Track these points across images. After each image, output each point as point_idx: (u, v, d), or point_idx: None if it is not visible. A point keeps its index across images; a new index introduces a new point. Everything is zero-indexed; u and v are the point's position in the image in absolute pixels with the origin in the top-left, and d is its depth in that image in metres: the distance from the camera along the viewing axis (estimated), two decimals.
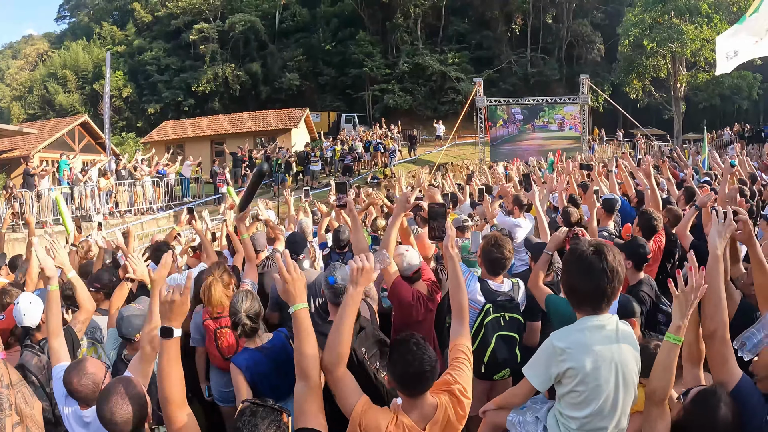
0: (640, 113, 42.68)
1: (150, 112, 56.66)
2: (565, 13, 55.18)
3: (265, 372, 4.02)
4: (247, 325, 4.13)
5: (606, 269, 2.87)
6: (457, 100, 48.13)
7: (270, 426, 2.60)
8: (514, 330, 4.79)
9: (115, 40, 66.02)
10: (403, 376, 3.04)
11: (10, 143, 31.73)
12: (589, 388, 2.88)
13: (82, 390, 3.45)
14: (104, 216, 21.95)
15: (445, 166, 32.14)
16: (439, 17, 55.97)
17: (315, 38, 57.72)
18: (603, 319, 2.96)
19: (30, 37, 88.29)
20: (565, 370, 2.92)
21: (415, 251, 5.13)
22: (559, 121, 30.57)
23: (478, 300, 4.75)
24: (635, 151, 34.22)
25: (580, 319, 3.01)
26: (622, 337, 2.96)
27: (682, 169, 14.91)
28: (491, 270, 4.91)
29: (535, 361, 3.11)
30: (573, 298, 3.07)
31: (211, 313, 4.96)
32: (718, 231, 3.35)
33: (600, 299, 2.93)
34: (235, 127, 39.63)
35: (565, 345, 2.94)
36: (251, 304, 4.21)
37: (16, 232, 18.62)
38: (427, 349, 3.05)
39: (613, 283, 2.89)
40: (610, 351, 2.90)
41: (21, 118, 58.99)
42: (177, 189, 27.07)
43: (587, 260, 2.91)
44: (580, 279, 2.95)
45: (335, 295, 4.11)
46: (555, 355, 2.95)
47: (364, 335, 4.08)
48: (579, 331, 2.96)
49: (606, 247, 2.96)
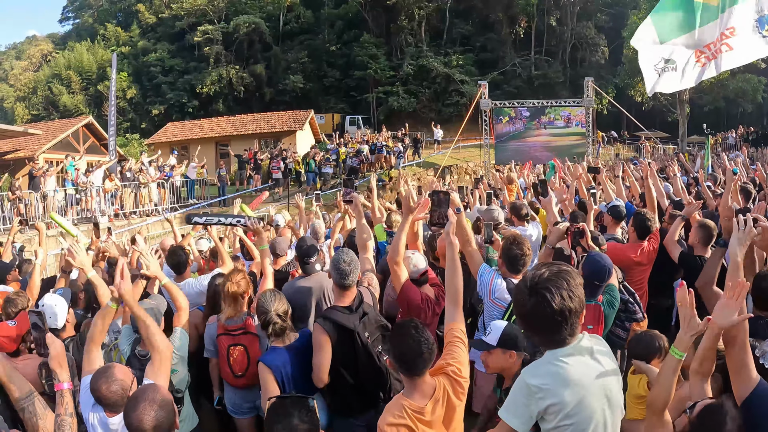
0: (644, 116, 42.55)
1: (154, 113, 56.73)
2: (569, 15, 55.08)
3: (293, 372, 4.14)
4: (277, 324, 4.26)
5: (556, 310, 2.53)
6: (462, 102, 48.16)
7: (302, 412, 2.72)
8: None
9: (119, 41, 66.12)
10: (401, 358, 3.29)
11: (15, 144, 31.77)
12: (576, 421, 2.64)
13: (111, 396, 3.42)
14: (109, 218, 21.98)
15: (450, 169, 32.14)
16: (443, 19, 56.04)
17: (319, 40, 57.88)
18: (572, 346, 2.67)
19: (34, 38, 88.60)
20: (545, 407, 2.65)
21: (422, 255, 5.27)
22: (566, 118, 30.51)
23: (505, 298, 4.82)
24: (640, 154, 34.26)
25: (548, 352, 2.72)
26: (598, 356, 2.72)
27: (689, 173, 14.92)
28: (511, 268, 5.01)
29: (511, 402, 2.80)
30: (537, 339, 2.80)
31: (226, 327, 4.96)
32: (738, 238, 3.37)
33: (564, 332, 2.61)
34: (239, 128, 39.65)
35: (539, 382, 2.66)
36: (279, 303, 4.32)
37: (21, 233, 18.61)
38: (425, 333, 3.29)
39: (573, 314, 2.56)
40: (589, 376, 2.67)
41: (25, 119, 59.16)
42: (182, 191, 27.08)
43: (535, 303, 2.55)
44: (535, 324, 2.66)
45: (341, 277, 4.29)
46: (531, 394, 2.67)
47: (368, 320, 4.27)
48: (551, 364, 2.68)
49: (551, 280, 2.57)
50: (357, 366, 4.17)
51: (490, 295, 4.89)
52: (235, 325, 4.92)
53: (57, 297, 4.99)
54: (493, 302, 4.89)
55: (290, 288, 5.68)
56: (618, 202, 7.62)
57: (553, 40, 56.32)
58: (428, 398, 3.26)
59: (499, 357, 3.87)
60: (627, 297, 5.13)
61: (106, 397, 3.43)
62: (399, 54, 55.31)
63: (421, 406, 3.21)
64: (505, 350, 3.83)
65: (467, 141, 37.78)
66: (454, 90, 50.97)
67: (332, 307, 4.38)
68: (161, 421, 2.91)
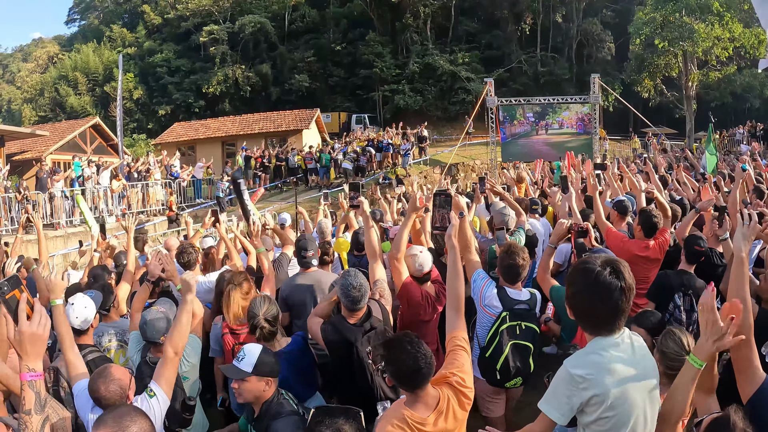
0: (651, 112, 42.52)
1: (161, 113, 56.85)
2: (575, 12, 54.97)
3: (284, 377, 4.05)
4: (265, 328, 4.26)
5: (625, 288, 2.65)
6: (468, 100, 48.11)
7: (349, 416, 2.75)
8: (529, 339, 4.77)
9: (125, 42, 66.34)
10: (399, 374, 3.17)
11: (23, 145, 31.98)
12: (618, 413, 2.66)
13: (110, 396, 3.40)
14: (117, 217, 22.05)
15: (456, 167, 32.10)
16: (448, 17, 55.93)
17: (325, 39, 57.86)
18: (618, 337, 2.74)
19: (40, 40, 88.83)
20: (588, 398, 2.68)
21: (428, 254, 5.25)
22: (569, 119, 30.40)
23: (495, 306, 4.77)
24: (647, 151, 34.12)
25: (593, 341, 2.78)
26: (639, 350, 2.79)
27: (696, 170, 14.86)
28: (507, 278, 4.92)
29: (552, 394, 2.83)
30: (589, 322, 2.82)
31: (231, 326, 5.02)
32: (743, 233, 3.30)
33: (619, 320, 2.71)
34: (246, 128, 39.68)
35: (583, 372, 2.69)
36: (269, 307, 4.32)
37: (28, 234, 18.69)
38: (421, 347, 3.15)
39: (630, 301, 2.69)
40: (631, 368, 2.71)
41: (32, 120, 59.38)
42: (189, 190, 27.15)
43: (605, 282, 2.65)
44: (598, 303, 2.69)
45: (352, 303, 4.25)
46: (574, 384, 2.70)
47: (374, 335, 4.22)
48: (595, 353, 2.73)
49: (621, 263, 2.74)
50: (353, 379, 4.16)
51: (480, 301, 4.85)
52: (240, 325, 4.97)
53: (87, 299, 4.80)
54: (483, 309, 4.84)
55: (288, 285, 5.74)
56: (623, 197, 7.60)
57: (559, 37, 56.16)
58: (431, 410, 3.18)
59: (254, 385, 3.58)
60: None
61: (106, 397, 3.40)
62: (405, 52, 55.22)
63: (424, 417, 3.14)
64: (261, 377, 3.58)
65: (473, 139, 37.77)
66: (460, 88, 50.91)
67: (341, 316, 4.37)
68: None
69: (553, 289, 4.90)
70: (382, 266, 5.11)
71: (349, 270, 4.37)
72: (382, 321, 4.43)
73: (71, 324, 4.60)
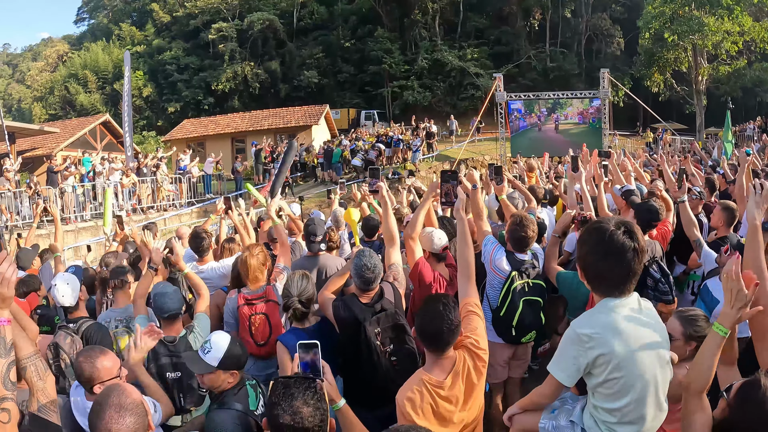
0: (661, 107, 42.22)
1: (170, 111, 57.01)
2: (584, 6, 54.79)
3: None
4: (298, 310, 4.25)
5: (637, 249, 2.64)
6: (477, 95, 48.11)
7: (307, 393, 2.55)
8: (537, 294, 5.09)
9: (134, 40, 66.54)
10: (423, 332, 3.24)
11: (33, 142, 32.16)
12: (626, 374, 2.64)
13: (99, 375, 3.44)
14: (127, 212, 22.13)
15: (465, 162, 32.11)
16: (457, 13, 56.01)
17: (333, 36, 57.94)
18: (627, 299, 2.73)
19: (49, 39, 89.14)
20: (594, 358, 2.67)
21: (442, 231, 5.38)
22: (572, 114, 30.32)
23: (504, 269, 5.07)
24: (657, 146, 33.99)
25: (601, 301, 2.76)
26: (647, 313, 2.78)
27: (705, 162, 14.83)
28: (516, 247, 5.19)
29: (559, 355, 2.85)
30: (600, 283, 2.78)
31: (246, 297, 5.07)
32: (756, 201, 3.30)
33: (630, 282, 2.71)
34: (255, 124, 39.75)
35: (590, 331, 2.68)
36: (306, 288, 4.30)
37: (40, 228, 18.77)
38: (452, 312, 3.18)
39: (642, 263, 2.69)
40: (639, 330, 2.69)
41: (42, 119, 59.55)
42: (199, 186, 27.22)
43: (618, 242, 2.63)
44: (611, 262, 2.67)
45: (365, 284, 4.24)
46: (581, 343, 2.71)
47: (384, 316, 4.20)
48: (602, 313, 2.72)
49: (634, 225, 2.73)
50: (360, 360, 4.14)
51: (490, 263, 5.12)
52: (256, 294, 5.03)
53: (68, 275, 5.08)
54: (493, 271, 5.12)
55: (294, 267, 5.77)
56: (629, 186, 7.56)
57: (567, 32, 56.04)
58: (447, 372, 3.22)
59: (218, 377, 3.47)
60: (659, 276, 4.97)
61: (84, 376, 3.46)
62: (413, 48, 55.24)
63: (440, 380, 3.18)
64: (226, 370, 3.47)
65: (483, 134, 37.75)
66: (469, 83, 50.89)
67: (353, 295, 4.37)
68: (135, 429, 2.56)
69: (560, 275, 5.10)
70: (399, 251, 5.11)
71: (363, 250, 4.35)
72: (393, 303, 4.41)
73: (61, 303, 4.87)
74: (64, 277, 5.01)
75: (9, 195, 19.82)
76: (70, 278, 4.99)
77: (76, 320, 4.85)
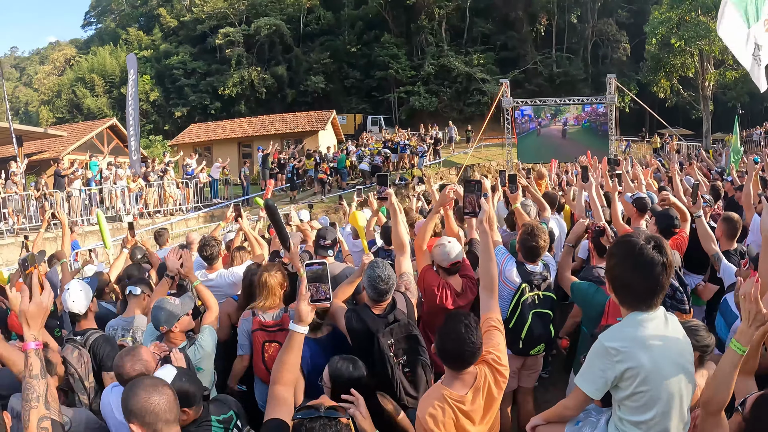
0: (667, 113, 42.15)
1: (177, 115, 57.30)
2: (590, 12, 54.86)
3: (319, 362, 4.03)
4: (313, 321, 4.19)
5: (666, 264, 2.64)
6: (483, 101, 48.16)
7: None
8: (547, 307, 5.08)
9: (141, 44, 66.71)
10: (444, 351, 3.23)
11: (40, 146, 32.28)
12: (653, 387, 2.64)
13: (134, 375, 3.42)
14: (134, 216, 22.16)
15: (472, 168, 32.07)
16: (463, 18, 56.06)
17: (340, 41, 58.11)
18: (654, 313, 2.73)
19: (57, 43, 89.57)
20: (622, 371, 2.67)
21: (458, 245, 5.21)
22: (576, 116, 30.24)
23: (514, 281, 5.05)
24: (664, 151, 33.93)
25: (629, 315, 2.76)
26: (673, 327, 2.76)
27: (711, 167, 14.81)
28: (528, 257, 5.16)
29: (587, 368, 2.84)
30: (626, 295, 2.78)
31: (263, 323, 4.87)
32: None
33: (657, 296, 2.70)
34: (262, 129, 39.66)
35: (618, 344, 2.69)
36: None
37: (47, 232, 18.79)
38: (473, 333, 3.17)
39: (669, 278, 2.70)
40: (666, 343, 2.68)
41: (50, 122, 59.83)
42: (206, 190, 27.25)
43: (647, 256, 2.65)
44: (640, 276, 2.67)
45: (379, 295, 4.20)
46: (609, 356, 2.70)
47: (397, 327, 4.15)
48: (630, 327, 2.72)
49: (663, 239, 2.73)
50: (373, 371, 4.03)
51: (501, 275, 4.99)
52: (272, 321, 4.88)
53: (83, 283, 5.02)
54: (503, 282, 5.01)
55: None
56: (642, 194, 7.55)
57: (574, 38, 56.09)
58: (468, 387, 3.21)
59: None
60: (677, 285, 4.84)
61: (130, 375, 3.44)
62: (420, 54, 55.36)
63: (462, 395, 3.17)
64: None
65: (489, 140, 37.71)
66: (475, 89, 50.96)
67: (365, 305, 4.33)
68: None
69: (574, 285, 4.94)
70: (409, 259, 5.07)
71: (377, 260, 4.30)
72: (406, 314, 4.37)
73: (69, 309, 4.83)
74: (79, 283, 4.96)
75: (16, 198, 19.87)
76: (84, 286, 4.94)
77: (83, 332, 4.79)
